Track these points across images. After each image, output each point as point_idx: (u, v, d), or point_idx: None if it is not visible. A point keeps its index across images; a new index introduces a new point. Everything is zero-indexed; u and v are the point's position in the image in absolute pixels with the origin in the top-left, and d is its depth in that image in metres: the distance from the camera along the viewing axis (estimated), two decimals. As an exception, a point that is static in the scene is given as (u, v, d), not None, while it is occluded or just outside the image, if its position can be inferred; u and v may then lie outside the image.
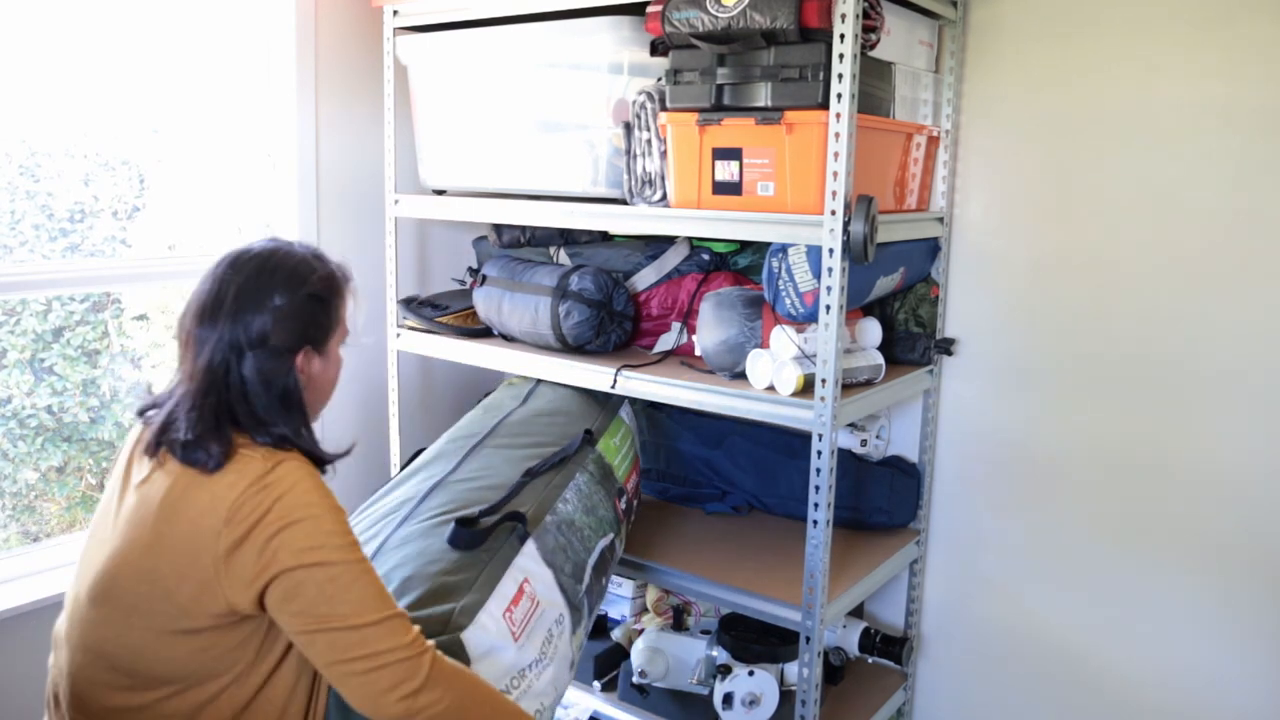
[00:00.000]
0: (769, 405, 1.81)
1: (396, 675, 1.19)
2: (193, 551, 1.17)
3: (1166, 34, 1.90)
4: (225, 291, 1.25)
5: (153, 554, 1.19)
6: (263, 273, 1.26)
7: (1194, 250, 1.92)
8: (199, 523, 1.17)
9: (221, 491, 1.18)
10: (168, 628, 1.19)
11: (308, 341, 1.28)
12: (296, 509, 1.19)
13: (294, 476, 1.20)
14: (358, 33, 2.41)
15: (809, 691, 1.83)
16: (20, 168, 2.00)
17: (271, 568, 1.17)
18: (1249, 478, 1.90)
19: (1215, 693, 1.98)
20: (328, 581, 1.18)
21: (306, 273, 1.29)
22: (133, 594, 1.20)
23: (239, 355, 1.23)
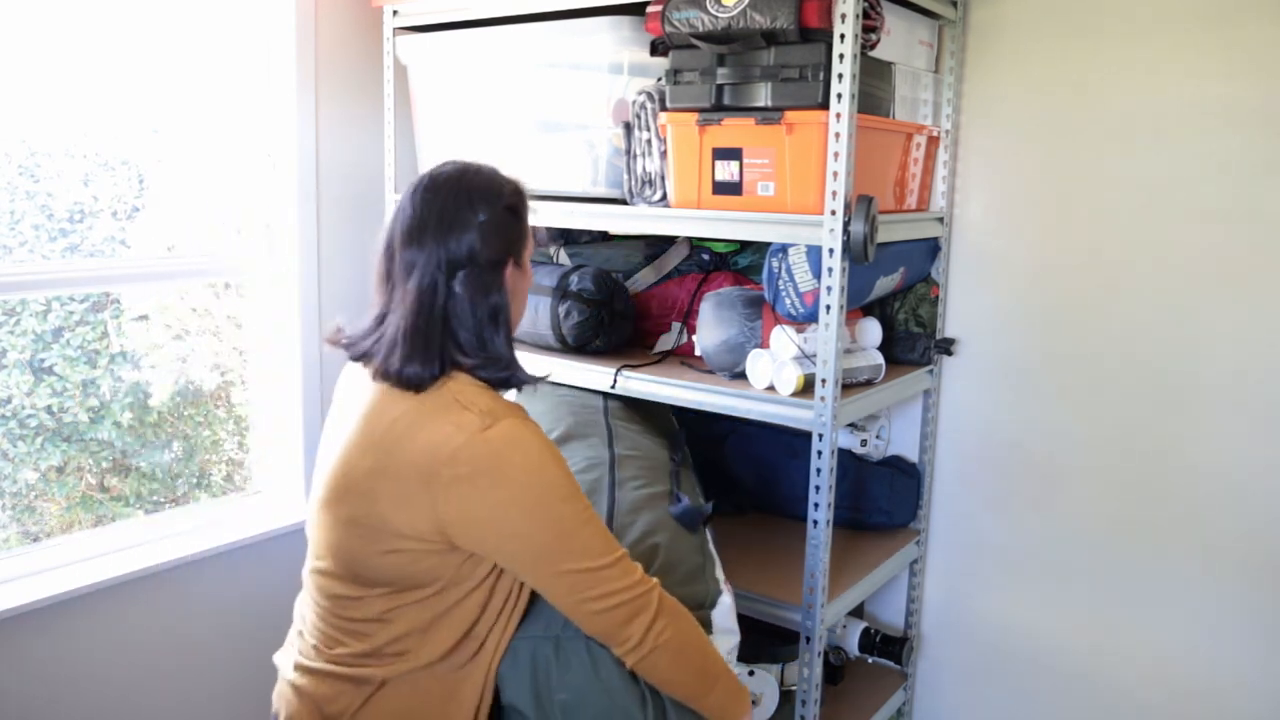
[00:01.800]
0: (769, 405, 1.81)
1: (633, 609, 1.29)
2: (412, 484, 1.24)
3: (1167, 34, 1.90)
4: (428, 214, 1.28)
5: (374, 478, 1.26)
6: (460, 192, 1.30)
7: (1194, 250, 1.92)
8: (420, 460, 1.23)
9: (448, 431, 1.23)
10: (379, 544, 1.27)
11: (510, 253, 1.32)
12: (521, 470, 1.24)
13: (515, 432, 1.25)
14: (358, 33, 2.41)
15: (809, 691, 1.83)
16: (20, 168, 2.00)
17: (495, 517, 1.24)
18: (1249, 478, 1.90)
19: (1215, 692, 1.98)
20: (559, 530, 1.26)
21: (500, 186, 1.33)
22: (352, 508, 1.28)
23: (451, 274, 1.27)
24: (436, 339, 1.28)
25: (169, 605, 2.19)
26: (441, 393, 1.28)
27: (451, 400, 1.27)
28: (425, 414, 1.26)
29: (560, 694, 1.37)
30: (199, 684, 2.28)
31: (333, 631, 1.37)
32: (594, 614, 1.28)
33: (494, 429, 1.24)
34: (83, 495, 2.20)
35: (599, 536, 1.30)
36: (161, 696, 2.21)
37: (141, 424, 2.26)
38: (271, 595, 2.39)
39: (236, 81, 2.28)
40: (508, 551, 1.27)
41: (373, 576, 1.31)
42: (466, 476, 1.23)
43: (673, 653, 1.33)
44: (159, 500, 2.32)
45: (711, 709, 1.39)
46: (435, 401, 1.27)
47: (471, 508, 1.24)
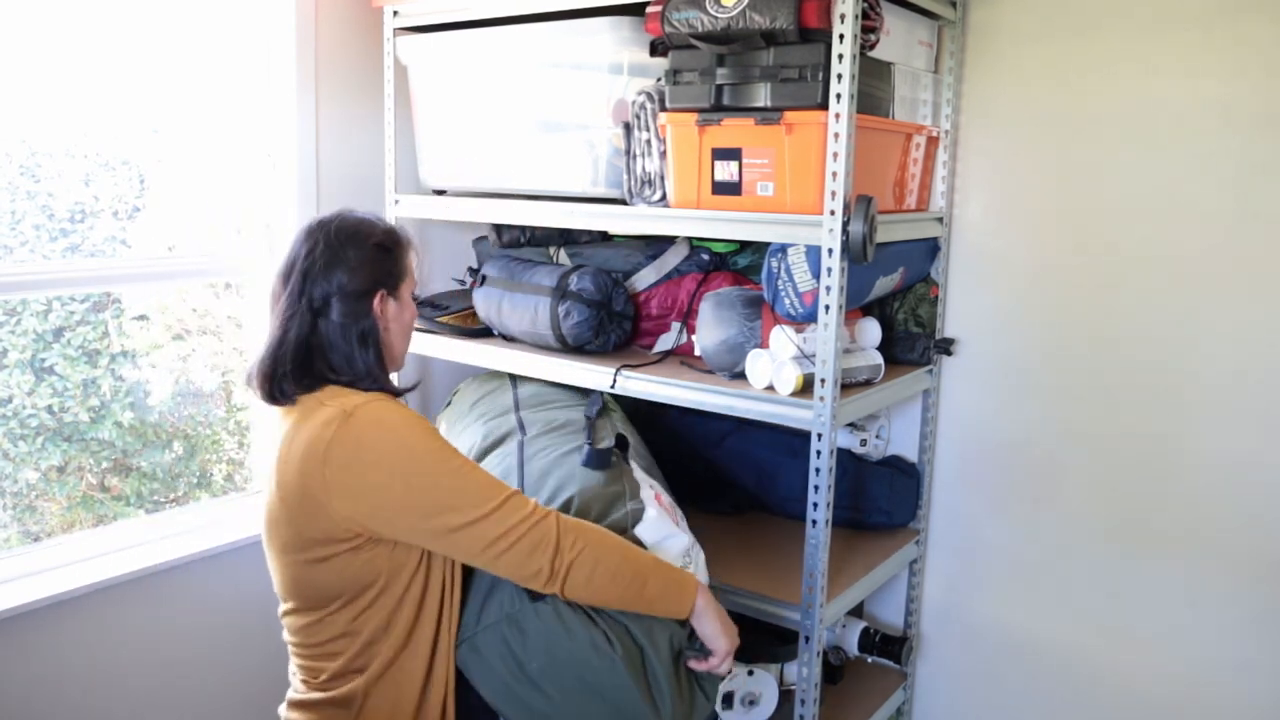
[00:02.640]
0: (768, 405, 1.81)
1: (532, 541, 1.37)
2: (305, 494, 1.35)
3: (1166, 34, 1.90)
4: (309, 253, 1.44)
5: (282, 503, 1.38)
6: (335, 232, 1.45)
7: (1194, 250, 1.92)
8: (304, 465, 1.34)
9: (317, 432, 1.35)
10: (312, 560, 1.38)
11: (380, 286, 1.45)
12: (390, 443, 1.34)
13: (374, 414, 1.36)
14: (358, 33, 2.41)
15: (808, 691, 1.83)
16: (20, 168, 2.00)
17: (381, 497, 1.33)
18: (1249, 478, 1.90)
19: (1215, 690, 1.98)
20: (441, 492, 1.35)
21: (371, 228, 1.48)
22: (282, 538, 1.40)
23: (325, 303, 1.42)
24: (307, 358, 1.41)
25: (169, 605, 2.19)
26: (309, 402, 1.41)
27: (317, 405, 1.40)
28: (298, 426, 1.39)
29: (533, 663, 1.44)
30: (199, 684, 2.28)
31: (310, 663, 1.47)
32: (499, 557, 1.36)
33: (354, 416, 1.35)
34: (83, 495, 2.20)
35: (481, 485, 1.38)
36: (162, 696, 2.21)
37: (142, 423, 2.27)
38: (271, 595, 2.39)
39: (236, 81, 2.28)
40: (404, 526, 1.35)
41: (323, 594, 1.41)
42: (343, 467, 1.33)
43: (589, 567, 1.40)
44: (159, 500, 2.32)
45: (655, 605, 1.46)
46: (304, 411, 1.40)
47: (359, 495, 1.34)
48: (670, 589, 1.47)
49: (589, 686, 1.44)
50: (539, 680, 1.45)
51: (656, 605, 1.46)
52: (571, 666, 1.43)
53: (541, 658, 1.44)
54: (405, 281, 1.51)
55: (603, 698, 1.44)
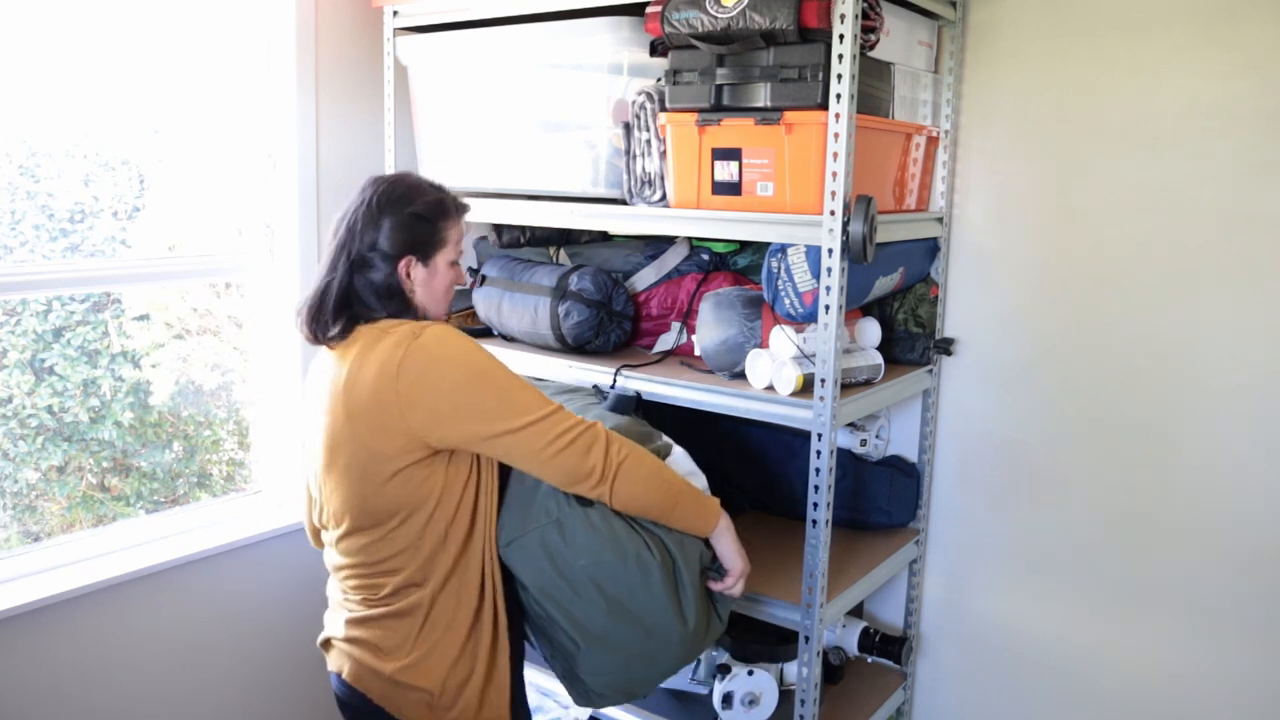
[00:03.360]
0: (768, 405, 1.81)
1: (586, 441, 1.49)
2: (378, 410, 1.45)
3: (1166, 35, 1.90)
4: (355, 208, 1.55)
5: (350, 421, 1.47)
6: (381, 194, 1.55)
7: (1193, 250, 1.92)
8: (378, 384, 1.45)
9: (388, 354, 1.45)
10: (378, 477, 1.47)
11: (411, 252, 1.54)
12: (456, 357, 1.46)
13: (441, 333, 1.48)
14: (358, 33, 2.41)
15: (808, 691, 1.83)
16: (20, 168, 2.00)
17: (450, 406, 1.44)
18: (1249, 478, 1.90)
19: (1214, 689, 1.98)
20: (497, 397, 1.46)
21: (414, 195, 1.56)
22: (346, 456, 1.49)
23: (360, 259, 1.53)
24: (342, 304, 1.53)
25: (169, 605, 2.20)
26: (370, 332, 1.51)
27: (380, 332, 1.50)
28: (366, 351, 1.49)
29: (580, 560, 1.55)
30: (199, 683, 2.28)
31: (371, 581, 1.55)
32: (555, 456, 1.47)
33: (422, 336, 1.47)
34: (83, 495, 2.20)
35: (536, 395, 1.50)
36: (162, 696, 2.21)
37: (142, 424, 2.27)
38: (271, 595, 2.39)
39: (237, 81, 2.28)
40: (469, 430, 1.46)
41: (386, 509, 1.50)
42: (415, 381, 1.44)
43: (633, 471, 1.52)
44: (159, 500, 2.32)
45: (685, 519, 1.60)
46: (368, 339, 1.50)
47: (429, 404, 1.44)
48: (698, 506, 1.61)
49: (627, 590, 1.55)
50: (580, 581, 1.55)
51: (686, 520, 1.60)
52: (614, 570, 1.55)
53: (587, 558, 1.54)
54: (441, 250, 1.57)
55: (637, 603, 1.56)
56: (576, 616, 1.58)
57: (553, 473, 1.50)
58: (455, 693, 1.54)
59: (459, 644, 1.55)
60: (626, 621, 1.57)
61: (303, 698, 2.50)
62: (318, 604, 2.50)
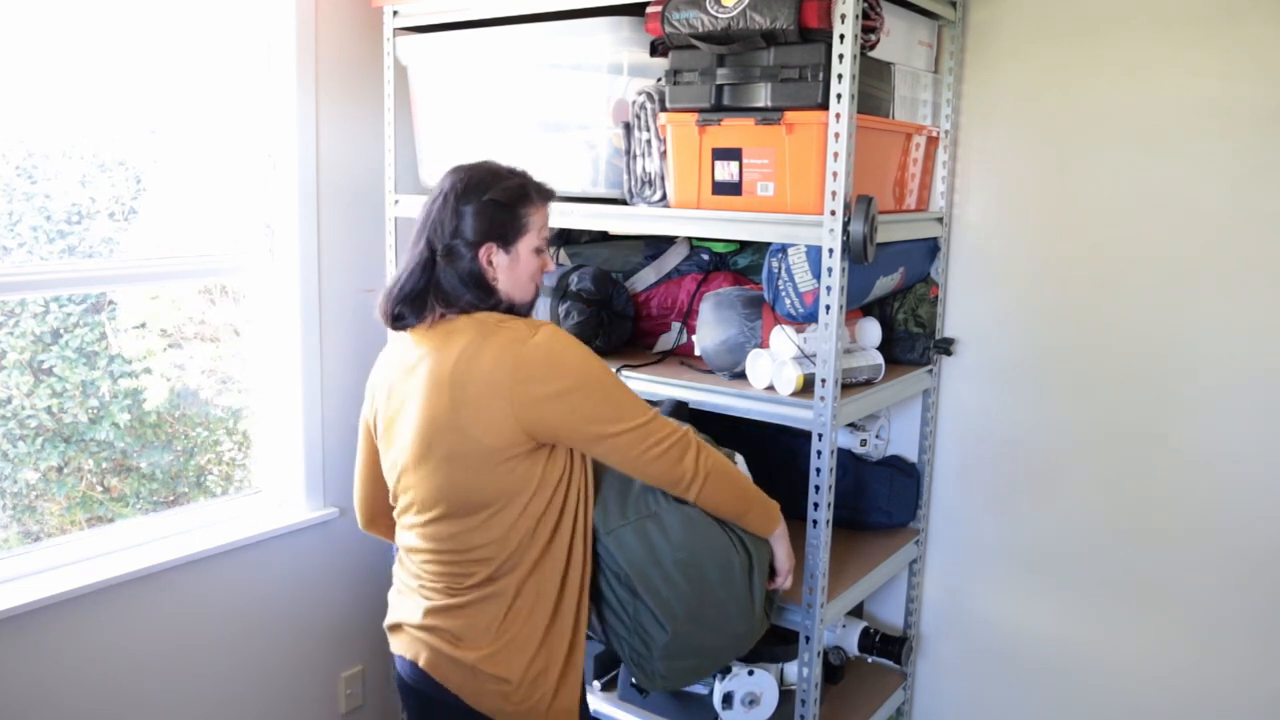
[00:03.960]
0: (769, 405, 1.81)
1: (681, 448, 1.56)
2: (490, 401, 1.48)
3: (1166, 35, 1.90)
4: (436, 197, 1.59)
5: (456, 411, 1.50)
6: (460, 182, 1.57)
7: (1193, 250, 1.92)
8: (492, 378, 1.48)
9: (503, 352, 1.49)
10: (479, 467, 1.51)
11: (491, 239, 1.55)
12: (570, 360, 1.50)
13: (555, 334, 1.52)
14: (358, 33, 2.41)
15: (808, 691, 1.83)
16: (17, 169, 2.00)
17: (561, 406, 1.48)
18: (1249, 478, 1.90)
19: (1214, 690, 1.99)
20: (607, 402, 1.51)
21: (494, 182, 1.57)
22: (448, 446, 1.51)
23: (443, 248, 1.55)
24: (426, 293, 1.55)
25: (169, 605, 2.19)
26: (484, 323, 1.53)
27: (494, 326, 1.53)
28: (477, 344, 1.51)
29: (677, 553, 1.63)
30: (199, 683, 2.28)
31: (457, 570, 1.58)
32: (654, 460, 1.53)
33: (537, 335, 1.50)
34: (83, 495, 2.20)
35: (637, 401, 1.55)
36: (162, 696, 2.21)
37: (141, 424, 2.26)
38: (271, 595, 2.39)
39: (236, 81, 2.28)
40: (576, 428, 1.50)
41: (483, 499, 1.53)
42: (530, 378, 1.48)
43: (718, 477, 1.60)
44: (159, 500, 2.32)
45: (754, 524, 1.68)
46: (475, 331, 1.52)
47: (542, 404, 1.48)
48: (765, 510, 1.70)
49: (715, 583, 1.64)
50: (673, 571, 1.63)
51: (755, 521, 1.68)
52: (705, 562, 1.64)
53: (684, 551, 1.63)
54: (523, 237, 1.58)
55: (721, 596, 1.65)
56: (669, 603, 1.64)
57: (648, 475, 1.56)
58: (533, 683, 1.58)
59: (539, 635, 1.58)
60: (711, 611, 1.65)
61: (303, 697, 2.50)
62: (318, 604, 2.50)
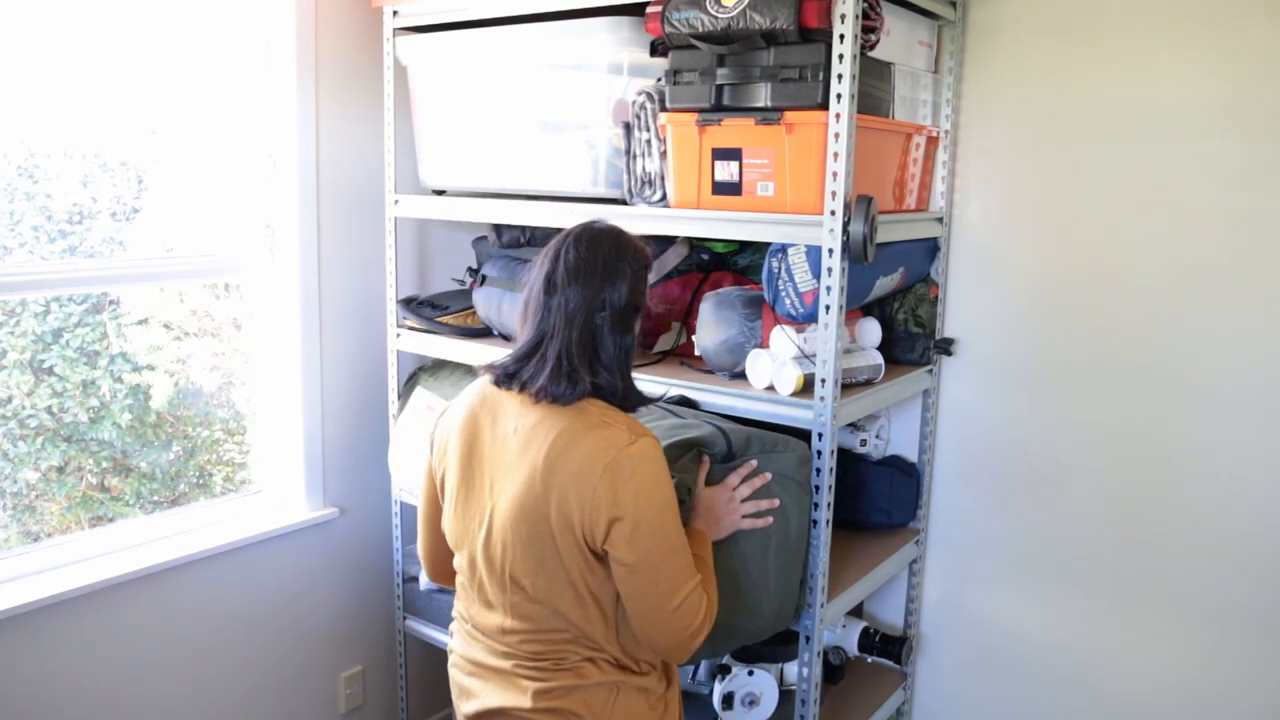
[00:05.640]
0: (769, 405, 1.81)
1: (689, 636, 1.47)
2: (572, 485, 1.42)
3: (1167, 34, 1.90)
4: (594, 260, 1.48)
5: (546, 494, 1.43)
6: (617, 246, 1.50)
7: (1194, 250, 1.92)
8: (580, 467, 1.42)
9: (601, 447, 1.42)
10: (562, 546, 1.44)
11: (640, 303, 1.53)
12: (652, 475, 1.43)
13: (654, 450, 1.45)
14: (358, 33, 2.41)
15: (808, 691, 1.83)
16: (19, 169, 2.00)
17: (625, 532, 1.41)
18: (1249, 479, 1.90)
19: (1213, 691, 1.99)
20: (668, 542, 1.44)
21: (641, 247, 1.54)
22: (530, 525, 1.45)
23: (601, 311, 1.47)
24: (587, 364, 1.47)
25: (169, 605, 2.19)
26: (589, 413, 1.46)
27: (600, 419, 1.46)
28: (580, 430, 1.44)
29: None
30: (199, 683, 2.28)
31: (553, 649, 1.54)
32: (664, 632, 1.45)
33: (637, 444, 1.43)
34: (83, 495, 2.20)
35: (685, 569, 1.47)
36: (162, 696, 2.21)
37: (141, 424, 2.26)
38: (271, 595, 2.39)
39: (236, 81, 2.28)
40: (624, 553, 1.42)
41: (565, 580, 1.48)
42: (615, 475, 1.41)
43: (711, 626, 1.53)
44: (159, 500, 2.32)
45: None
46: (587, 420, 1.45)
47: (614, 498, 1.40)
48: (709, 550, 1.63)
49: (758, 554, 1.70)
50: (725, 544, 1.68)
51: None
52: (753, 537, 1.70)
53: None
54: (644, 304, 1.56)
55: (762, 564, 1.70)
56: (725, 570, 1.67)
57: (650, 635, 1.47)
58: None
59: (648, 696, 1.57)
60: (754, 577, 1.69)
61: (303, 697, 2.50)
62: (318, 604, 2.50)
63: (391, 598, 2.66)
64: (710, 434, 1.74)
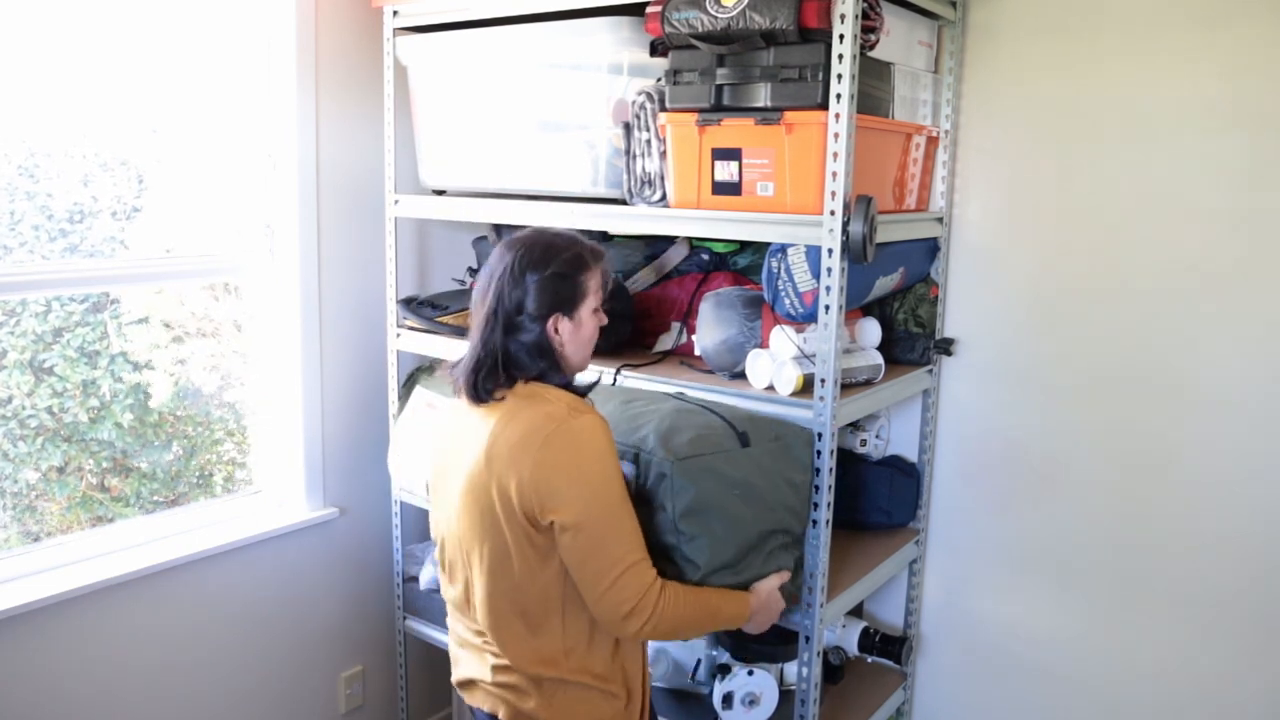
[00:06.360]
0: (769, 405, 1.81)
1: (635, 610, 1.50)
2: (512, 466, 1.48)
3: (1167, 34, 1.90)
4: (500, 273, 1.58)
5: (489, 475, 1.51)
6: (521, 258, 1.57)
7: (1194, 250, 1.92)
8: (516, 439, 1.49)
9: (540, 422, 1.49)
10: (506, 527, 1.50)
11: (557, 310, 1.56)
12: (594, 452, 1.49)
13: (596, 427, 1.51)
14: (358, 33, 2.41)
15: (808, 691, 1.83)
16: (19, 168, 2.00)
17: (565, 498, 1.47)
18: (1249, 479, 1.90)
19: (1212, 691, 1.98)
20: (609, 515, 1.49)
21: (551, 255, 1.57)
22: (474, 499, 1.53)
23: (509, 322, 1.56)
24: (499, 366, 1.56)
25: (169, 605, 2.19)
26: (527, 390, 1.55)
27: (539, 395, 1.54)
28: (519, 407, 1.53)
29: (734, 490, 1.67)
30: (199, 683, 2.28)
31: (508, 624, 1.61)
32: (598, 600, 1.50)
33: (579, 420, 1.50)
34: (83, 495, 2.20)
35: (634, 536, 1.53)
36: (162, 696, 2.21)
37: (142, 424, 2.26)
38: (271, 595, 2.39)
39: (236, 81, 2.28)
40: (565, 519, 1.47)
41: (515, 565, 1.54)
42: (553, 448, 1.47)
43: (670, 623, 1.55)
44: (159, 500, 2.32)
45: (726, 626, 1.68)
46: (523, 396, 1.54)
47: (551, 471, 1.47)
48: (735, 617, 1.68)
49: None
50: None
51: (726, 625, 1.67)
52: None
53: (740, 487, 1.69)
54: (584, 302, 1.59)
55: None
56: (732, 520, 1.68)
57: (591, 605, 1.52)
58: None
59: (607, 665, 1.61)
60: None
61: (303, 697, 2.50)
62: (318, 604, 2.50)
63: (391, 598, 2.66)
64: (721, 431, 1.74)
